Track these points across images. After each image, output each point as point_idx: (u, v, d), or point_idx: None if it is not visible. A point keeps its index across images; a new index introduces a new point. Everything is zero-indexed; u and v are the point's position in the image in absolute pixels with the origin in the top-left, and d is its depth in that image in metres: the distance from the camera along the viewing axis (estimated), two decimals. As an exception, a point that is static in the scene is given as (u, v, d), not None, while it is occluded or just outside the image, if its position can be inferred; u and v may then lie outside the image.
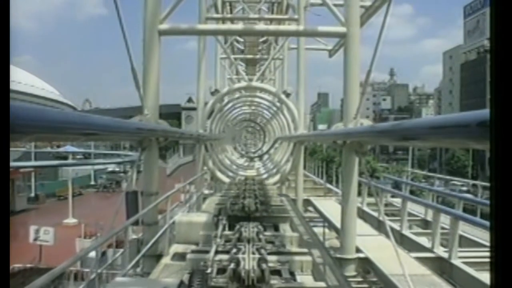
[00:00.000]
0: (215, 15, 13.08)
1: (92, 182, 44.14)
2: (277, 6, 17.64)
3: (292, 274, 4.20)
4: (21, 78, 44.96)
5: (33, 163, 32.83)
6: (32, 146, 36.38)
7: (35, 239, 14.02)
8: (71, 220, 23.38)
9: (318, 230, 11.50)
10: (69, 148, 45.35)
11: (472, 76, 78.71)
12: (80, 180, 40.18)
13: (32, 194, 33.11)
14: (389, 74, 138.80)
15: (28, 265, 13.07)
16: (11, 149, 33.15)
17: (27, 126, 1.79)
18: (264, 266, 3.62)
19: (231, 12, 17.62)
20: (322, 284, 3.78)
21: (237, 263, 3.65)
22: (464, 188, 31.30)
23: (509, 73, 1.09)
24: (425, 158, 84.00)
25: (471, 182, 29.63)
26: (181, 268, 5.02)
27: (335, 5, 7.77)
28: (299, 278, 4.22)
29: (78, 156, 44.59)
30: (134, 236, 7.23)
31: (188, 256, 4.65)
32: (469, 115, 2.13)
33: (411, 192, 15.95)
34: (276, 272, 3.91)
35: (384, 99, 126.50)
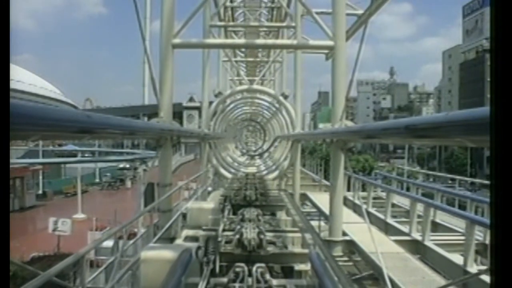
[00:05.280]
0: (219, 23, 14.10)
1: (97, 180, 45.24)
2: (276, 10, 18.59)
3: (285, 246, 5.23)
4: (22, 77, 45.51)
5: (46, 160, 33.82)
6: (40, 144, 37.38)
7: (54, 230, 15.06)
8: (80, 215, 24.44)
9: (314, 223, 12.52)
10: (71, 146, 46.49)
11: (470, 76, 79.56)
12: (85, 177, 41.19)
13: (40, 191, 34.18)
14: (389, 73, 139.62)
15: (48, 253, 14.08)
16: (24, 146, 34.14)
17: (31, 124, 1.74)
18: (262, 237, 4.64)
19: (232, 16, 18.59)
20: (307, 251, 4.78)
21: (241, 235, 4.67)
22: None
23: (509, 72, 1.11)
24: (424, 157, 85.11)
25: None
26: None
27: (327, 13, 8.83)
28: (290, 248, 5.25)
29: (86, 155, 45.60)
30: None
31: (201, 233, 5.68)
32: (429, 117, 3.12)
33: (408, 189, 16.89)
34: (272, 243, 4.93)
35: (384, 98, 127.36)
